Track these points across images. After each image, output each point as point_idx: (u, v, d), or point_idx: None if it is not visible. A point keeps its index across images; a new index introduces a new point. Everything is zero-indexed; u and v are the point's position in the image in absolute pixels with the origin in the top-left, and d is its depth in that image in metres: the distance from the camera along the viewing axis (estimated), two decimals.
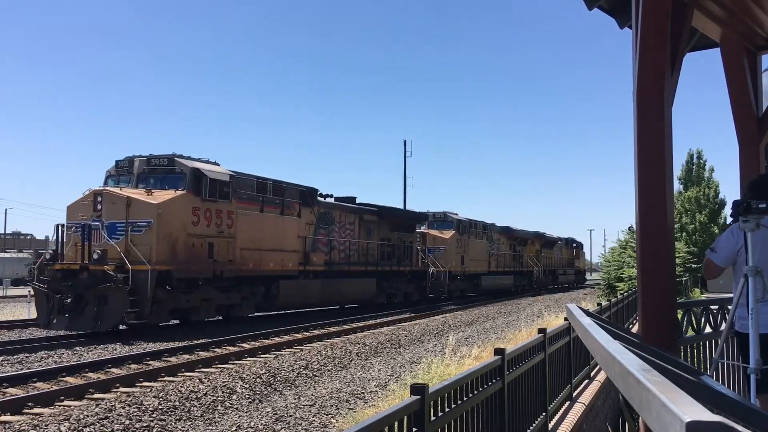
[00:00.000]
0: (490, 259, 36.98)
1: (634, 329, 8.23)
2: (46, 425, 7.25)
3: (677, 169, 40.61)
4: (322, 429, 7.64)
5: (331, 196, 24.18)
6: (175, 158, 16.82)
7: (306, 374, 11.05)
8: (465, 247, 33.12)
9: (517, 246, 42.31)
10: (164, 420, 7.80)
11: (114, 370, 10.85)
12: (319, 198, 22.52)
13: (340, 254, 23.64)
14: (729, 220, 4.74)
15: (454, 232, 31.97)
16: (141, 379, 10.09)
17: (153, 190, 16.21)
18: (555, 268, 51.02)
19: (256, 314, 20.17)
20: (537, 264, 45.15)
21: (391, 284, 26.90)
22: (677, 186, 40.15)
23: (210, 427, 7.68)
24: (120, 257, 14.88)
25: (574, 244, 58.70)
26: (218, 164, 18.24)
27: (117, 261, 14.87)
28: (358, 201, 27.70)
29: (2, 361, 11.19)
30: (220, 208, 17.28)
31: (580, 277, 60.93)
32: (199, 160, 17.62)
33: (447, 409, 2.98)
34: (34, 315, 16.98)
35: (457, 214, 33.61)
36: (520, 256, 42.80)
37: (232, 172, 18.21)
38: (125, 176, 17.00)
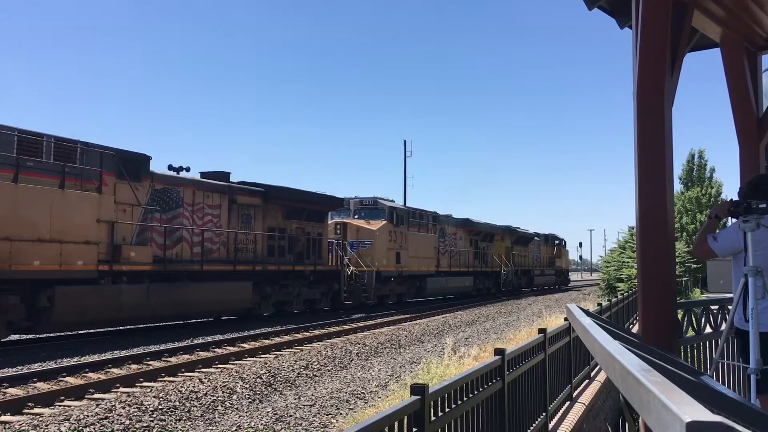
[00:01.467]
0: (439, 256, 30.54)
1: (634, 329, 8.23)
2: (46, 425, 7.25)
3: (678, 169, 40.61)
4: (323, 429, 7.64)
5: (188, 169, 17.76)
6: None
7: (306, 374, 11.05)
8: (402, 242, 26.89)
9: (480, 242, 36.01)
10: (164, 420, 7.81)
11: (114, 370, 10.85)
12: (156, 171, 16.51)
13: (192, 248, 17.25)
14: (730, 220, 4.73)
15: (385, 222, 25.77)
16: (141, 379, 10.09)
17: None
18: (530, 268, 44.32)
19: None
20: (507, 263, 38.87)
21: (281, 289, 20.19)
22: (678, 186, 40.11)
23: (210, 427, 7.69)
24: None
25: (556, 241, 51.74)
26: None
27: None
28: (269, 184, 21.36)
29: (2, 361, 11.18)
30: None
31: (563, 278, 53.98)
32: None
33: (447, 410, 2.98)
34: None
35: (393, 201, 28.29)
36: (485, 253, 36.48)
37: None
38: None
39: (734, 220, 4.41)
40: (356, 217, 26.24)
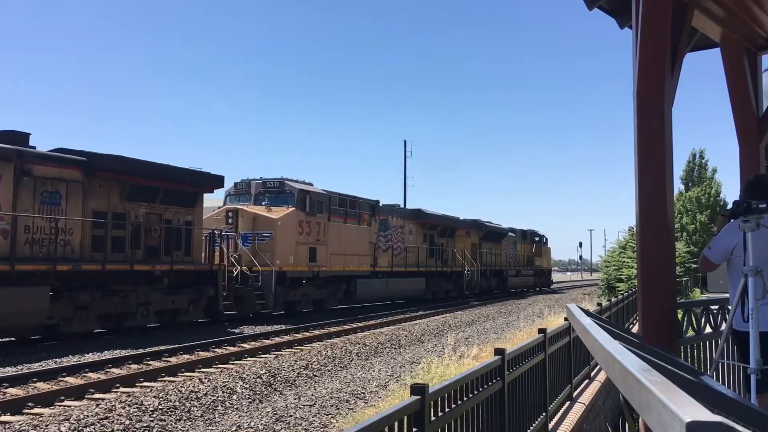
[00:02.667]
0: (377, 253, 25.16)
1: (634, 329, 8.23)
2: (46, 425, 7.25)
3: (679, 169, 40.57)
4: (323, 429, 7.64)
5: None
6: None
7: (306, 374, 11.05)
8: (320, 234, 21.45)
9: (437, 237, 30.83)
10: (164, 420, 7.81)
11: (114, 370, 10.85)
12: None
13: None
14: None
15: (293, 209, 20.29)
16: (141, 379, 10.09)
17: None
18: (503, 268, 38.92)
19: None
20: (474, 262, 33.54)
21: (110, 298, 14.63)
22: (679, 186, 40.06)
23: (210, 427, 7.68)
24: None
25: (536, 238, 46.43)
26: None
27: None
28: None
29: (2, 361, 11.18)
30: None
31: (543, 278, 48.29)
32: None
33: (447, 410, 2.98)
34: None
35: (311, 185, 22.06)
36: (443, 250, 31.14)
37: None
38: None
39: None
40: (260, 203, 20.73)
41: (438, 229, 31.03)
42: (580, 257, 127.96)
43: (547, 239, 49.31)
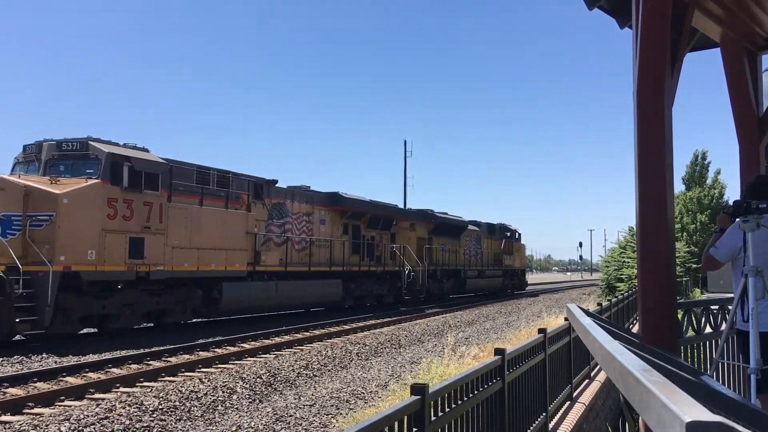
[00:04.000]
0: (261, 247, 18.87)
1: (634, 329, 8.23)
2: (47, 425, 7.25)
3: (682, 170, 40.54)
4: (323, 429, 7.64)
5: None
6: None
7: (306, 374, 11.05)
8: (151, 219, 15.14)
9: (364, 229, 24.71)
10: (164, 420, 7.81)
11: (114, 370, 10.85)
12: None
13: None
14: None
15: (95, 182, 14.02)
16: (141, 379, 10.09)
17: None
18: (461, 268, 32.54)
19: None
20: (420, 261, 27.81)
21: None
22: (681, 187, 40.01)
23: (210, 427, 7.69)
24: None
25: (507, 233, 40.19)
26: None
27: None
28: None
29: (2, 361, 11.18)
30: None
31: (516, 280, 41.81)
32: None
33: (447, 409, 2.98)
34: None
35: (145, 150, 15.74)
36: (372, 246, 25.21)
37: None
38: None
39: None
40: (54, 172, 14.38)
41: (365, 219, 24.79)
42: (580, 257, 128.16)
43: (520, 235, 42.60)
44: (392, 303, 26.41)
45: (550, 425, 5.48)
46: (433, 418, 2.75)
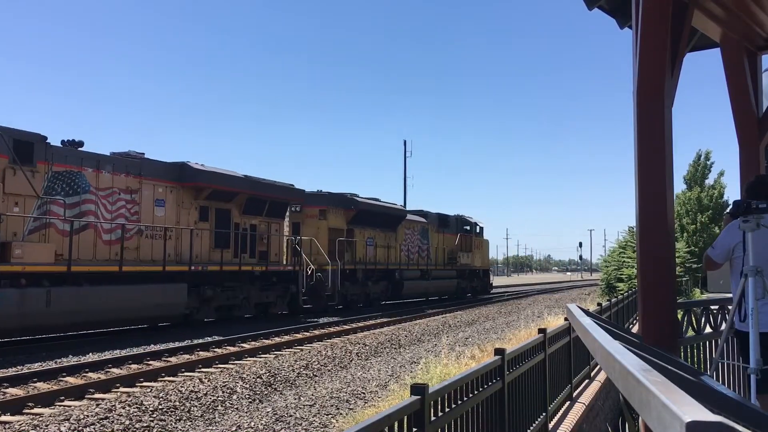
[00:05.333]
0: (12, 236, 12.56)
1: (634, 329, 8.23)
2: (46, 425, 7.25)
3: (683, 169, 40.52)
4: (322, 429, 7.64)
5: None
6: None
7: (306, 374, 11.05)
8: None
9: (238, 215, 18.73)
10: (164, 420, 7.81)
11: (114, 370, 10.85)
12: None
13: None
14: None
15: None
16: (141, 379, 10.10)
17: None
18: (397, 267, 26.73)
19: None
20: (333, 258, 22.05)
21: None
22: (683, 187, 39.98)
23: (210, 427, 7.69)
24: None
25: (465, 227, 33.76)
26: None
27: None
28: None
29: (2, 361, 11.18)
30: None
31: (477, 282, 35.30)
32: None
33: (447, 409, 2.97)
34: None
35: None
36: (254, 237, 19.40)
37: None
38: None
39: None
40: None
41: (237, 202, 18.55)
42: (580, 257, 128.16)
43: (482, 228, 35.83)
44: (285, 314, 20.58)
45: (550, 425, 5.48)
46: (433, 418, 2.75)
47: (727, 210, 4.75)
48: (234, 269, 18.13)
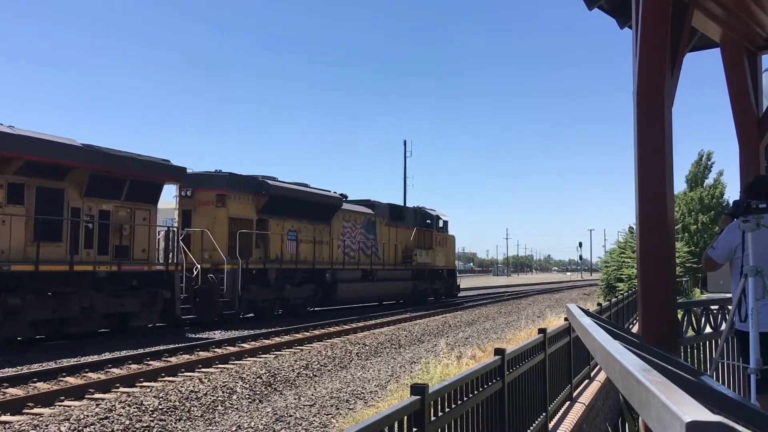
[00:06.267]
0: None
1: (634, 329, 8.23)
2: (46, 425, 7.25)
3: (685, 169, 40.53)
4: (322, 429, 7.64)
5: None
6: None
7: (306, 374, 11.05)
8: None
9: (75, 196, 14.09)
10: (164, 420, 7.81)
11: (114, 370, 10.85)
12: None
13: None
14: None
15: None
16: (141, 379, 10.10)
17: None
18: (329, 267, 22.29)
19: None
20: (235, 255, 18.02)
21: None
22: (684, 187, 39.98)
23: (210, 427, 7.69)
24: None
25: (427, 220, 29.65)
26: None
27: None
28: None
29: (2, 361, 11.18)
30: None
31: (440, 284, 30.51)
32: None
33: (447, 409, 2.97)
34: None
35: None
36: (105, 228, 14.66)
37: None
38: None
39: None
40: None
41: (76, 179, 14.06)
42: (580, 257, 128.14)
43: (446, 223, 31.39)
44: (163, 326, 16.19)
45: (550, 425, 5.48)
46: (433, 418, 2.74)
47: (726, 210, 4.74)
48: (62, 269, 13.25)
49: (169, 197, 19.34)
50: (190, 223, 18.21)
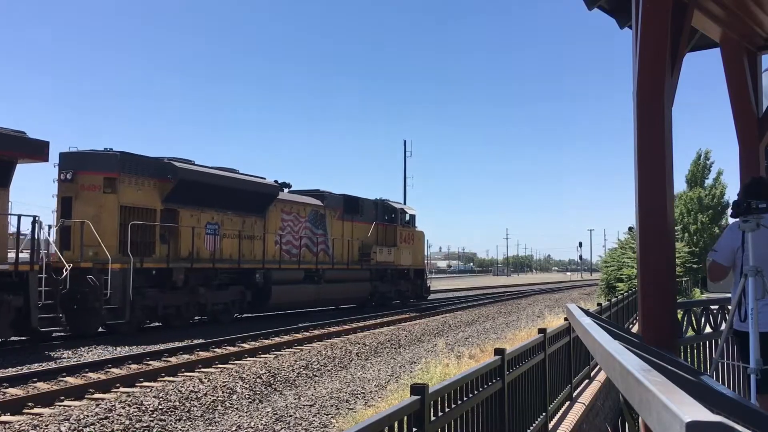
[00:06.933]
0: None
1: (634, 329, 8.23)
2: (46, 425, 7.25)
3: (684, 169, 40.51)
4: (322, 429, 7.64)
5: None
6: None
7: (306, 374, 11.05)
8: None
9: None
10: (164, 420, 7.81)
11: (114, 370, 10.85)
12: None
13: None
14: (730, 221, 4.76)
15: None
16: (141, 379, 10.10)
17: None
18: (259, 267, 19.18)
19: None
20: (127, 251, 14.74)
21: None
22: (684, 187, 39.97)
23: (210, 427, 7.69)
24: None
25: (391, 214, 26.56)
26: None
27: None
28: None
29: (2, 361, 11.18)
30: None
31: (405, 285, 27.29)
32: None
33: (447, 409, 2.97)
34: None
35: None
36: None
37: None
38: None
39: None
40: None
41: None
42: (580, 257, 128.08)
43: (413, 217, 28.44)
44: (18, 341, 13.00)
45: (550, 425, 5.48)
46: (432, 418, 2.75)
47: (730, 215, 4.66)
48: None
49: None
50: (70, 213, 14.87)
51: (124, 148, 15.50)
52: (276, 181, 20.97)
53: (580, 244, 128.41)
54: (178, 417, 7.99)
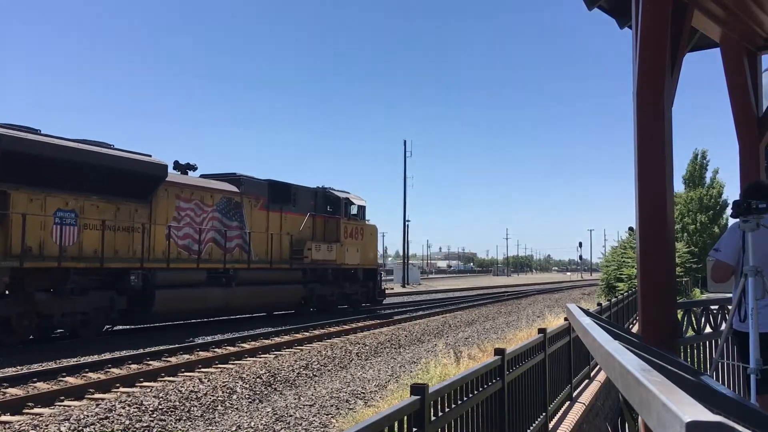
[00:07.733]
0: None
1: (634, 329, 8.23)
2: (46, 425, 7.25)
3: (682, 170, 40.51)
4: (322, 429, 7.64)
5: None
6: None
7: (306, 374, 11.05)
8: None
9: None
10: (164, 420, 7.81)
11: (114, 370, 10.85)
12: None
13: None
14: (730, 221, 4.75)
15: None
16: (141, 379, 10.10)
17: None
18: (137, 266, 14.97)
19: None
20: None
21: None
22: (682, 187, 39.97)
23: (210, 427, 7.68)
24: None
25: (334, 204, 23.02)
26: None
27: None
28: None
29: (2, 361, 11.18)
30: None
31: (354, 287, 23.68)
32: None
33: (447, 409, 2.98)
34: None
35: None
36: None
37: None
38: None
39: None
40: None
41: None
42: (580, 257, 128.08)
43: (362, 209, 24.56)
44: None
45: (550, 425, 5.49)
46: (432, 418, 2.75)
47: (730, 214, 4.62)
48: None
49: None
50: None
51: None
52: (178, 162, 17.37)
53: (580, 244, 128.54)
54: (178, 417, 7.99)
